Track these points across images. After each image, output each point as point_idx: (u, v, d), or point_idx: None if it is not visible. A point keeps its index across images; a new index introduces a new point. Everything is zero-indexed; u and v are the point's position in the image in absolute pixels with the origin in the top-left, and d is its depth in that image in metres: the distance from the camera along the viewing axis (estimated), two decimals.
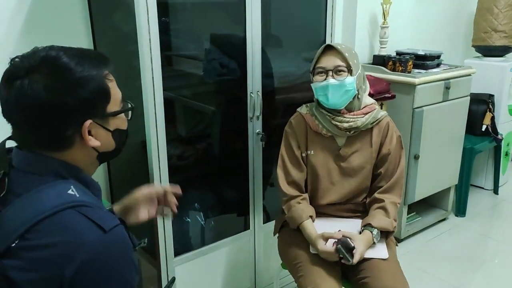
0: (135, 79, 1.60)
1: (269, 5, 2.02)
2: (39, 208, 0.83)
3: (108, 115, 0.94)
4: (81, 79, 0.87)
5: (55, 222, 0.83)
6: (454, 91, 2.68)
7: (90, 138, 0.91)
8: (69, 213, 0.84)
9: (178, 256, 1.83)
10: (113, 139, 0.97)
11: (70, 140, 0.90)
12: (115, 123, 0.97)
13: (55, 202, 0.84)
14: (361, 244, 1.54)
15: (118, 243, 0.87)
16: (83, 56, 0.90)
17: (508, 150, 3.46)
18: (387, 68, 2.64)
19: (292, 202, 1.70)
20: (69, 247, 0.81)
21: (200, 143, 2.06)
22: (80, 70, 0.87)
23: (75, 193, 0.87)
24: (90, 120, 0.90)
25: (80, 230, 0.83)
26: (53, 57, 0.87)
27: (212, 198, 2.16)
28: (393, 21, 2.80)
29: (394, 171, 1.70)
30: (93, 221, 0.84)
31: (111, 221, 0.87)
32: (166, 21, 1.73)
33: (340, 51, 1.59)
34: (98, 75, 0.90)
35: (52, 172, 0.90)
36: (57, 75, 0.86)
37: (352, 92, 1.62)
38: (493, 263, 2.63)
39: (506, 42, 3.22)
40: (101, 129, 0.94)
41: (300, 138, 1.72)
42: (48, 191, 0.86)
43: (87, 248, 0.82)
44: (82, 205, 0.86)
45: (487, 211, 3.20)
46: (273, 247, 1.88)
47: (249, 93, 1.86)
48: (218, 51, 1.91)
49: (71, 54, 0.89)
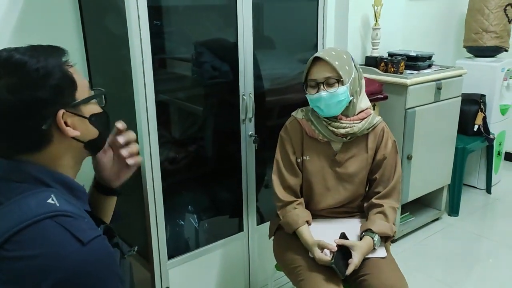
0: (127, 82, 1.60)
1: (261, 7, 2.03)
2: (18, 218, 0.82)
3: (78, 102, 0.92)
4: (40, 70, 0.86)
5: (33, 233, 0.81)
6: (446, 91, 2.70)
7: (68, 129, 0.90)
8: (48, 224, 0.82)
9: (172, 259, 1.83)
10: (92, 125, 0.96)
11: (48, 135, 0.89)
12: (88, 110, 0.95)
13: (34, 212, 0.83)
14: (359, 255, 1.53)
15: (98, 255, 0.85)
16: (36, 49, 0.89)
17: (500, 150, 3.48)
18: (380, 69, 2.66)
19: (287, 207, 1.70)
20: (46, 261, 0.80)
21: (193, 145, 2.06)
22: (35, 61, 0.86)
23: (55, 202, 0.86)
24: (62, 109, 0.89)
25: (58, 243, 0.81)
26: (5, 58, 0.86)
27: (205, 200, 2.16)
28: (385, 23, 2.82)
29: (390, 176, 1.70)
30: (71, 233, 0.83)
31: (90, 232, 0.85)
32: (158, 24, 1.74)
33: (328, 62, 1.56)
34: (57, 63, 0.89)
35: (32, 179, 0.88)
36: (15, 72, 0.85)
37: (346, 100, 1.61)
38: (487, 262, 2.64)
39: (497, 43, 3.25)
40: (76, 117, 0.92)
41: (295, 143, 1.71)
42: (28, 200, 0.85)
43: (64, 263, 0.80)
44: (62, 215, 0.84)
45: (480, 210, 3.22)
46: (267, 249, 1.88)
47: (241, 95, 1.87)
48: (210, 53, 1.92)
49: (23, 51, 0.88)
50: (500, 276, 2.47)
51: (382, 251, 1.62)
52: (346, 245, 1.55)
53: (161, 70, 1.82)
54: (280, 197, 1.71)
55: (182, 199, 2.06)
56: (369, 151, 1.70)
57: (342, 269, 1.51)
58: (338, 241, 1.55)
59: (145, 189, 1.67)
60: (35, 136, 0.88)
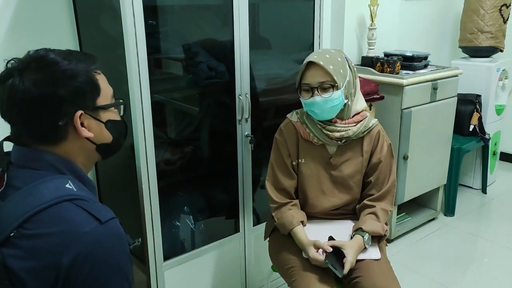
0: (122, 82, 1.58)
1: (258, 8, 2.02)
2: (37, 200, 0.87)
3: (98, 107, 0.99)
4: (68, 71, 0.93)
5: (53, 213, 0.86)
6: (441, 91, 2.70)
7: (83, 129, 0.96)
8: (66, 205, 0.88)
9: (168, 260, 1.82)
10: (107, 131, 1.02)
11: (63, 132, 0.95)
12: (106, 116, 1.01)
13: (53, 194, 0.88)
14: (352, 252, 1.53)
15: (114, 234, 0.90)
16: (71, 53, 0.97)
17: (495, 150, 3.49)
18: (376, 70, 2.66)
19: (282, 209, 1.69)
20: (66, 237, 0.84)
21: (189, 146, 2.06)
22: (67, 63, 0.93)
23: (72, 187, 0.92)
24: (81, 111, 0.95)
25: (78, 221, 0.86)
26: (41, 55, 0.93)
27: (201, 201, 2.15)
28: (381, 23, 2.82)
29: (385, 179, 1.69)
30: (90, 213, 0.88)
31: (107, 213, 0.91)
32: (154, 24, 1.72)
33: (323, 67, 1.54)
34: (85, 68, 0.96)
35: (48, 167, 0.94)
36: (45, 69, 0.91)
37: (341, 104, 1.59)
38: (482, 261, 2.65)
39: (493, 43, 3.26)
40: (93, 120, 0.98)
41: (291, 146, 1.70)
42: (47, 184, 0.90)
43: (84, 238, 0.85)
44: (79, 199, 0.90)
45: (476, 210, 3.23)
46: (264, 250, 1.88)
47: (237, 95, 1.86)
48: (206, 53, 1.91)
49: (59, 52, 0.95)
50: (496, 276, 2.47)
51: (376, 252, 1.62)
52: (337, 246, 1.54)
53: (156, 70, 1.82)
54: (275, 199, 1.70)
55: (178, 200, 2.05)
56: (364, 154, 1.69)
57: (340, 268, 1.51)
58: (328, 243, 1.55)
59: (140, 190, 1.66)
60: (51, 129, 0.93)
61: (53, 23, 1.81)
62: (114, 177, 2.02)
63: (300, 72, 1.61)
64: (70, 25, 1.85)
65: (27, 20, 1.75)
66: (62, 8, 1.83)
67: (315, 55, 1.58)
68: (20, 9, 1.73)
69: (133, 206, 1.75)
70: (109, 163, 1.97)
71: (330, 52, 1.61)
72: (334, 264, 1.51)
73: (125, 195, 1.99)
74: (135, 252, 1.88)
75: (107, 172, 2.04)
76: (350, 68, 1.63)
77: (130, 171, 1.70)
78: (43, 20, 1.79)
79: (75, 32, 1.87)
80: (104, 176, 2.06)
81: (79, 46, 1.88)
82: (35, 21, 1.77)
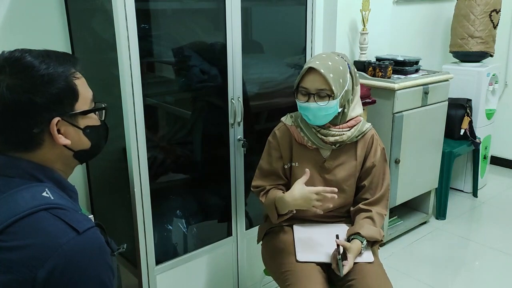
0: (115, 86, 1.58)
1: (250, 12, 2.03)
2: (13, 210, 0.84)
3: (77, 113, 0.94)
4: (45, 76, 0.87)
5: (29, 224, 0.83)
6: (432, 96, 2.72)
7: (60, 136, 0.92)
8: (43, 215, 0.84)
9: (160, 264, 1.81)
10: (85, 137, 0.97)
11: (38, 139, 0.90)
12: (85, 122, 0.96)
13: (29, 204, 0.84)
14: (353, 257, 1.55)
15: (93, 244, 0.87)
16: (48, 55, 0.91)
17: (486, 154, 3.52)
18: (368, 74, 2.68)
19: (267, 187, 1.69)
20: (41, 249, 0.81)
21: (181, 149, 2.05)
22: (44, 67, 0.87)
23: (49, 196, 0.87)
24: (57, 117, 0.90)
25: (53, 232, 0.83)
26: (17, 58, 0.88)
27: (194, 205, 2.15)
28: (373, 28, 2.84)
29: (379, 184, 1.70)
30: (66, 223, 0.84)
31: (85, 223, 0.87)
32: (146, 28, 1.72)
33: (323, 75, 1.52)
34: (63, 73, 0.90)
35: (24, 174, 0.90)
36: (21, 74, 0.86)
37: (334, 113, 1.60)
38: (473, 264, 2.67)
39: (483, 48, 3.29)
40: (70, 127, 0.93)
41: (284, 150, 1.70)
42: (23, 193, 0.86)
43: (61, 250, 0.81)
44: (57, 207, 0.86)
45: (467, 214, 3.26)
46: (256, 253, 1.88)
47: (230, 99, 1.86)
48: (198, 57, 1.91)
49: (36, 54, 0.89)
50: (486, 279, 2.49)
51: (369, 255, 1.62)
52: (345, 246, 1.55)
53: (149, 73, 1.81)
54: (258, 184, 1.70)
55: (170, 204, 2.04)
56: (358, 159, 1.70)
57: (342, 268, 1.52)
58: (338, 241, 1.55)
59: (132, 194, 1.65)
60: (25, 136, 0.89)
61: (44, 25, 1.80)
62: (106, 180, 2.01)
63: (300, 75, 1.60)
64: (62, 27, 1.85)
65: (18, 22, 1.74)
66: (54, 10, 1.82)
67: (318, 60, 1.56)
68: (11, 11, 1.72)
69: (125, 210, 1.74)
70: (101, 166, 1.96)
71: (333, 58, 1.58)
72: (341, 261, 1.52)
73: (117, 199, 1.98)
74: (126, 255, 1.87)
75: (99, 176, 2.03)
76: (351, 75, 1.62)
77: (122, 174, 1.69)
78: (35, 22, 1.78)
79: (67, 34, 1.86)
80: (96, 179, 2.05)
81: (71, 48, 1.87)
82: (27, 23, 1.76)
